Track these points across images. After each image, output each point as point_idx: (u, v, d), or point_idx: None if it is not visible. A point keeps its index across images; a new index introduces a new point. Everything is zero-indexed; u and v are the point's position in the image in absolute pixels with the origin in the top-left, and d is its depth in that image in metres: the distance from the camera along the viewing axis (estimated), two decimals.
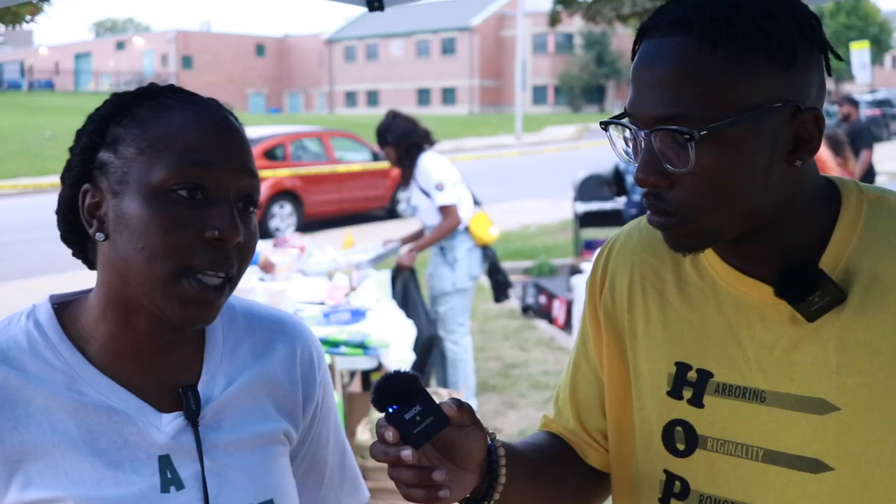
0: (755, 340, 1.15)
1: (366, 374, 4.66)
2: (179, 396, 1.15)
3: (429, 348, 5.13)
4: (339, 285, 4.82)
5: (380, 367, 4.17)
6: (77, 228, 1.13)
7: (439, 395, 4.22)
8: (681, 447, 1.19)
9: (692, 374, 1.19)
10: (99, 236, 1.10)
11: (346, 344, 3.98)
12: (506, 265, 10.02)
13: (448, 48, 68.13)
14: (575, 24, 52.53)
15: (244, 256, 1.11)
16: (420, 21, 68.63)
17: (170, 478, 1.11)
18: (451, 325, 5.33)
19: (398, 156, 5.31)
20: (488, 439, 1.16)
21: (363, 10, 2.22)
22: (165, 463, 1.11)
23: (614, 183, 8.80)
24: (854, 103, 10.50)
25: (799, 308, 1.11)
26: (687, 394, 1.19)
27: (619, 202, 9.21)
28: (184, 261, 1.06)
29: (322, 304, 4.57)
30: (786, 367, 1.12)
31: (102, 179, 1.09)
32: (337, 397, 3.87)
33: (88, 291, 1.17)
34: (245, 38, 75.90)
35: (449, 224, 5.22)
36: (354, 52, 72.83)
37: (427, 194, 5.24)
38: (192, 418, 1.14)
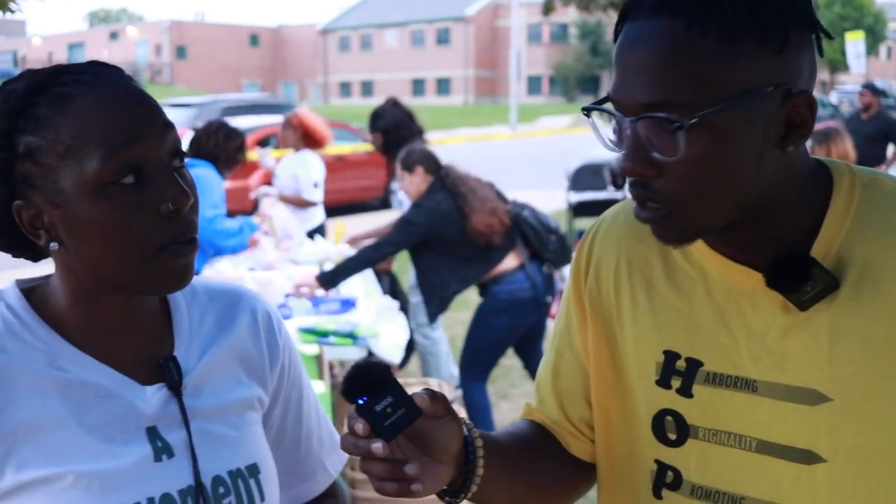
0: (746, 328, 1.11)
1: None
2: (158, 369, 1.16)
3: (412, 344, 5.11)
4: None
5: (370, 356, 4.13)
6: (14, 237, 1.11)
7: (428, 384, 4.18)
8: (672, 437, 1.16)
9: (681, 363, 1.15)
10: (53, 245, 1.09)
11: (336, 334, 3.94)
12: None
13: (443, 38, 68.04)
14: (569, 14, 52.53)
15: (195, 208, 1.12)
16: (414, 11, 68.56)
17: (161, 447, 1.13)
18: (421, 318, 5.25)
19: (385, 144, 5.22)
20: (465, 430, 1.14)
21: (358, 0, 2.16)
22: (153, 433, 1.14)
23: (620, 174, 8.77)
24: (877, 92, 9.50)
25: (791, 298, 1.07)
26: (676, 383, 1.16)
27: (612, 192, 9.16)
28: (152, 242, 1.07)
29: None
30: (777, 357, 1.09)
31: (33, 192, 1.07)
32: (325, 387, 3.84)
33: (49, 276, 1.17)
34: (239, 28, 75.70)
35: None
36: (349, 43, 72.71)
37: None
38: (175, 388, 1.16)
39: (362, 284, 4.80)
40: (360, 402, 1.05)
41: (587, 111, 1.09)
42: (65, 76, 1.07)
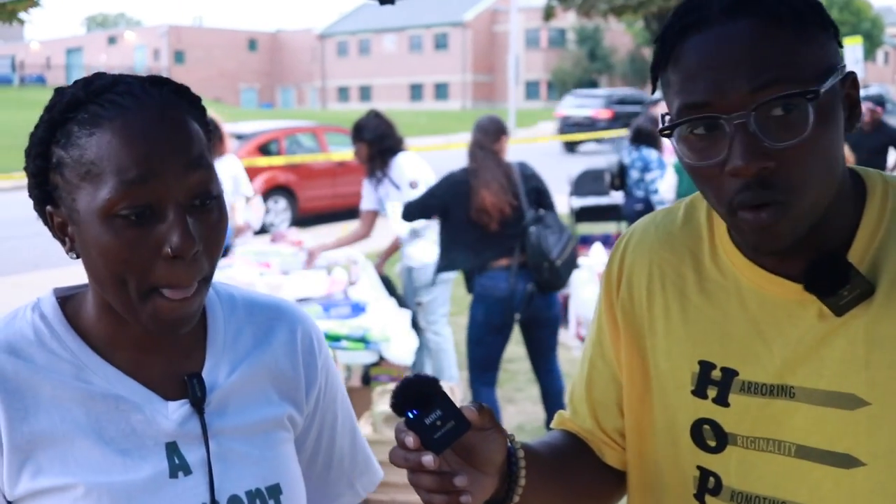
0: (782, 337, 1.12)
1: (366, 369, 4.65)
2: (184, 384, 1.16)
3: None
4: (338, 280, 4.81)
5: (381, 361, 4.16)
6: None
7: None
8: (711, 444, 1.17)
9: (716, 373, 1.16)
10: (71, 255, 1.11)
11: (347, 338, 3.97)
12: None
13: (441, 43, 68.05)
14: (568, 20, 52.55)
15: (212, 252, 1.09)
16: (413, 16, 68.52)
17: (177, 463, 1.13)
18: (433, 316, 5.31)
19: (370, 154, 5.31)
20: (508, 442, 1.15)
21: (356, 5, 2.20)
22: (172, 449, 1.13)
23: (618, 176, 8.78)
24: (880, 102, 9.24)
25: (828, 302, 1.08)
26: (712, 393, 1.17)
27: (616, 197, 9.20)
28: (147, 281, 1.05)
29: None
30: (814, 363, 1.10)
31: (60, 202, 1.09)
32: None
33: (87, 285, 1.18)
34: (237, 32, 75.69)
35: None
36: (347, 47, 72.69)
37: (398, 188, 5.22)
38: (198, 405, 1.16)
39: (371, 290, 4.82)
40: (410, 415, 1.05)
41: (668, 130, 1.07)
42: (106, 95, 1.06)
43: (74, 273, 1.21)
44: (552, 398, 4.88)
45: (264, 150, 13.98)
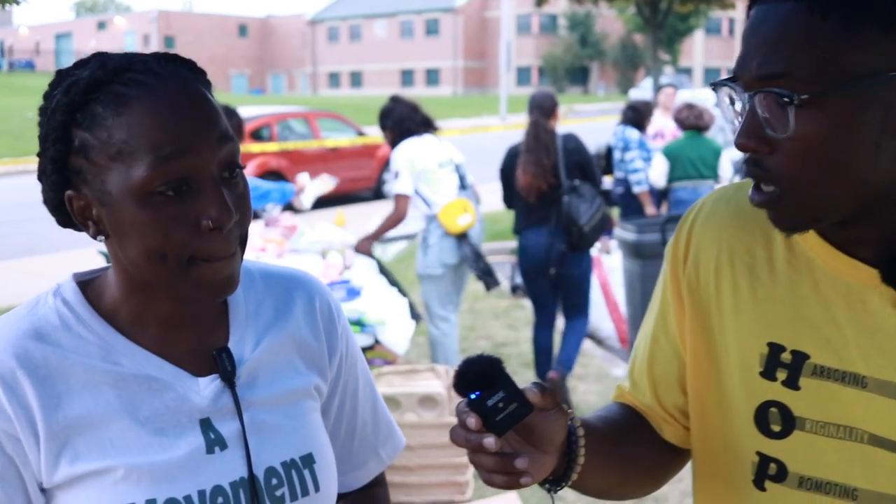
0: (855, 323, 1.09)
1: (363, 351, 4.68)
2: (212, 360, 1.16)
3: None
4: (334, 264, 4.85)
5: (376, 344, 4.20)
6: (70, 219, 1.13)
7: (436, 370, 4.25)
8: (776, 428, 1.15)
9: (786, 356, 1.13)
10: (99, 238, 1.11)
11: None
12: (493, 245, 10.08)
13: (432, 29, 67.92)
14: (559, 5, 52.47)
15: (244, 219, 1.11)
16: (403, 1, 68.35)
17: (213, 439, 1.13)
18: (429, 311, 5.35)
19: (393, 139, 5.33)
20: (568, 421, 1.13)
21: None
22: (207, 425, 1.14)
23: (604, 157, 8.81)
24: None
25: None
26: (781, 375, 1.14)
27: (606, 183, 9.22)
28: (188, 253, 1.07)
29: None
30: (890, 355, 1.08)
31: (83, 186, 1.08)
32: None
33: (108, 268, 1.18)
34: (227, 18, 75.38)
35: (394, 214, 5.25)
36: (337, 33, 72.48)
37: (395, 175, 5.25)
38: (229, 379, 1.16)
39: (367, 274, 4.86)
40: (472, 396, 1.04)
41: (714, 86, 1.09)
42: (127, 74, 1.06)
43: (69, 258, 1.23)
44: (568, 340, 5.61)
45: (256, 135, 13.97)
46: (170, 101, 1.05)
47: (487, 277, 5.40)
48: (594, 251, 5.98)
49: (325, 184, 5.85)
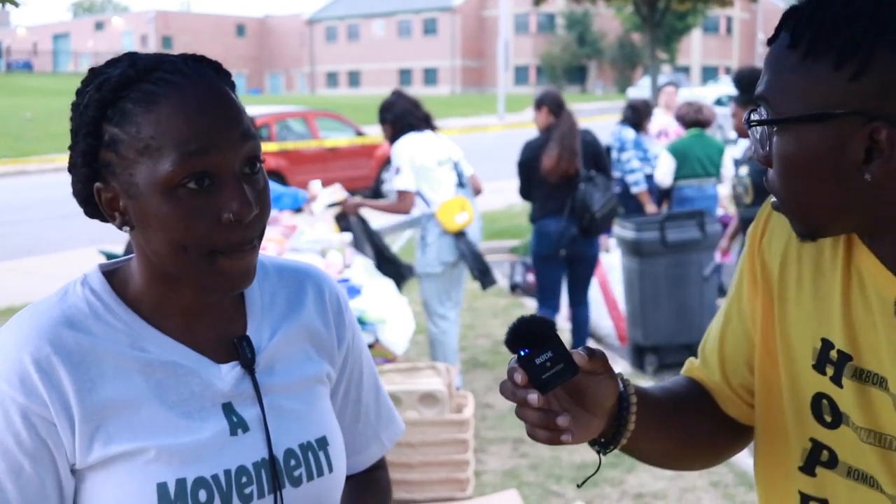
0: (889, 334, 1.13)
1: None
2: (231, 348, 1.23)
3: None
4: (333, 263, 4.86)
5: (375, 342, 4.21)
6: (98, 210, 1.18)
7: (436, 367, 4.26)
8: (828, 419, 1.19)
9: (834, 353, 1.18)
10: (125, 229, 1.16)
11: None
12: (492, 244, 10.11)
13: (430, 28, 67.96)
14: (557, 4, 52.49)
15: (263, 213, 1.16)
16: (401, 1, 68.36)
17: (236, 421, 1.20)
18: (429, 309, 5.37)
19: (392, 134, 5.33)
20: (621, 386, 1.19)
21: None
22: (229, 409, 1.20)
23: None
24: None
25: None
26: (829, 371, 1.18)
27: None
28: (210, 244, 1.12)
29: None
30: None
31: (112, 178, 1.13)
32: None
33: (131, 258, 1.23)
34: (225, 18, 75.45)
35: (396, 207, 5.29)
36: (335, 33, 72.52)
37: (397, 171, 5.26)
38: (249, 366, 1.23)
39: (366, 273, 4.87)
40: (522, 353, 1.10)
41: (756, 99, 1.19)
42: (156, 73, 1.12)
43: (67, 258, 1.26)
44: (579, 326, 6.08)
45: None
46: (196, 99, 1.11)
47: (483, 276, 5.37)
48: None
49: (336, 193, 5.83)
